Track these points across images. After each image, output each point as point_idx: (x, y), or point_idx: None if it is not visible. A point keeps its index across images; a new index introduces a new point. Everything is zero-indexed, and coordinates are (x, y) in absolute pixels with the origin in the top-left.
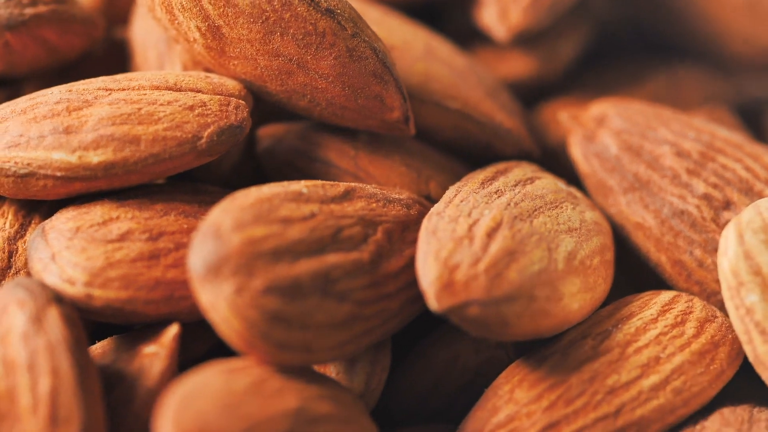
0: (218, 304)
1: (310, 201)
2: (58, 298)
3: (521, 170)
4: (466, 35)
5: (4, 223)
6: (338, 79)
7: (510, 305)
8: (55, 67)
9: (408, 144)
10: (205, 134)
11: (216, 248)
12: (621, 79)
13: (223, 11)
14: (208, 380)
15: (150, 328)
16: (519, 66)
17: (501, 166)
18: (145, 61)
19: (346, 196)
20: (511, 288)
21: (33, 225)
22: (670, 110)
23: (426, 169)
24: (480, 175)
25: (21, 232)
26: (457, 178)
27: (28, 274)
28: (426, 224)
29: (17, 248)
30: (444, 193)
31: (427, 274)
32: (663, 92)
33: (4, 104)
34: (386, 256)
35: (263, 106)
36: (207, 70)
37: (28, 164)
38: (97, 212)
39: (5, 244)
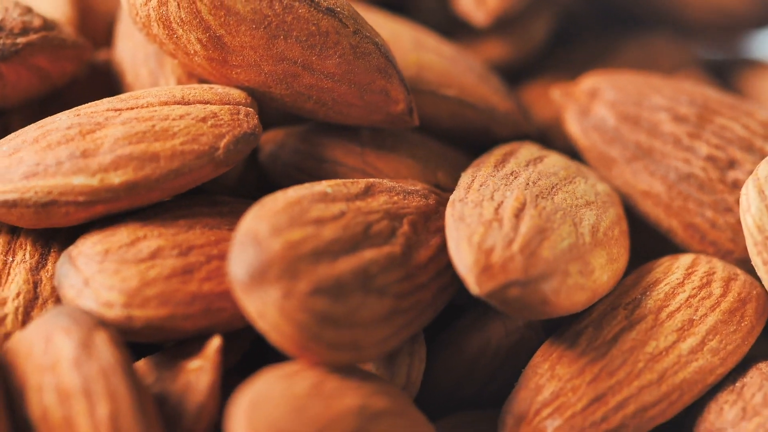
0: (267, 310)
1: (336, 200)
2: (102, 322)
3: (527, 150)
4: (434, 25)
5: (24, 255)
6: (344, 77)
7: (547, 283)
8: (46, 94)
9: (409, 136)
10: (222, 144)
11: (257, 255)
12: (593, 54)
13: (224, 20)
14: (270, 387)
15: (187, 344)
16: (494, 50)
17: (506, 148)
18: (137, 80)
19: (368, 191)
20: (547, 265)
21: (53, 254)
22: (658, 77)
23: (431, 159)
24: (490, 159)
25: (42, 262)
26: (460, 165)
27: (56, 302)
28: (451, 211)
29: (41, 278)
30: (452, 181)
31: (464, 260)
32: (637, 61)
33: (11, 136)
34: (415, 247)
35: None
36: (202, 81)
37: (49, 192)
38: (123, 233)
39: (29, 275)
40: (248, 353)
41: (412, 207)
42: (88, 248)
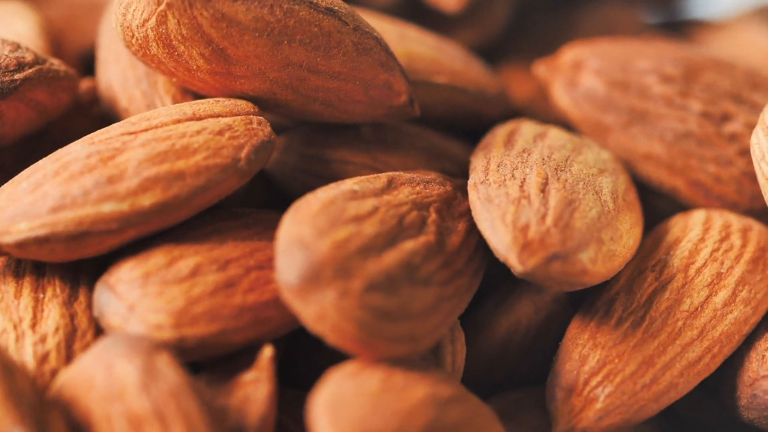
0: (326, 312)
1: (366, 196)
2: (160, 344)
3: (528, 127)
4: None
5: (55, 290)
6: (350, 74)
7: (585, 252)
8: (41, 128)
9: (406, 128)
10: (243, 155)
11: (307, 258)
12: (552, 31)
13: (226, 32)
14: (343, 387)
15: (234, 358)
16: (462, 35)
17: (508, 127)
18: (132, 103)
19: (391, 185)
20: (581, 235)
21: (82, 286)
22: (635, 41)
23: (434, 148)
24: (497, 140)
25: (73, 294)
26: (461, 152)
27: (96, 333)
28: (476, 195)
29: (75, 311)
30: (457, 168)
31: (501, 240)
32: (595, 32)
33: (26, 173)
34: (446, 234)
35: None
36: (197, 97)
37: (80, 223)
38: (158, 255)
39: (64, 309)
40: None
41: (435, 195)
42: (125, 274)
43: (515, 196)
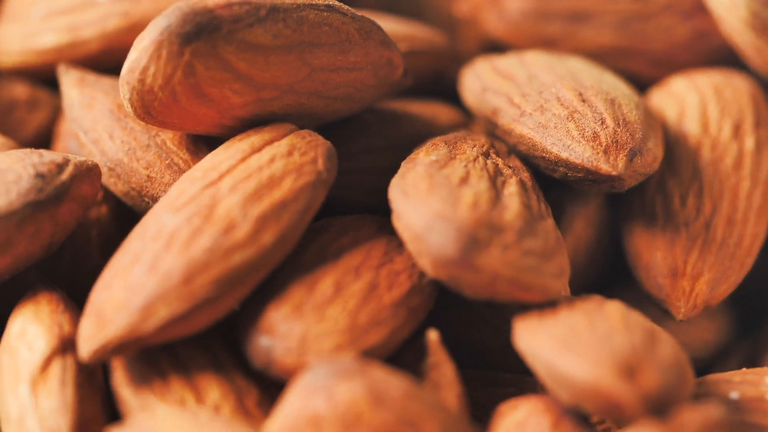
0: (497, 270)
1: (448, 162)
2: (362, 355)
3: (503, 60)
4: None
5: (196, 362)
6: (363, 61)
7: (649, 140)
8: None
9: (390, 104)
10: (321, 167)
11: (458, 228)
12: None
13: (253, 60)
14: (558, 330)
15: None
16: None
17: (483, 68)
18: (152, 168)
19: (450, 146)
20: (641, 126)
21: (216, 350)
22: None
23: (422, 112)
24: (492, 78)
25: (215, 360)
26: (442, 108)
27: (259, 388)
28: (524, 128)
29: (228, 374)
30: (450, 123)
31: (582, 155)
32: None
33: (125, 259)
34: (518, 172)
35: None
36: (208, 141)
37: (217, 282)
38: (294, 288)
39: (219, 376)
40: None
41: (484, 143)
42: (276, 316)
43: (564, 114)
